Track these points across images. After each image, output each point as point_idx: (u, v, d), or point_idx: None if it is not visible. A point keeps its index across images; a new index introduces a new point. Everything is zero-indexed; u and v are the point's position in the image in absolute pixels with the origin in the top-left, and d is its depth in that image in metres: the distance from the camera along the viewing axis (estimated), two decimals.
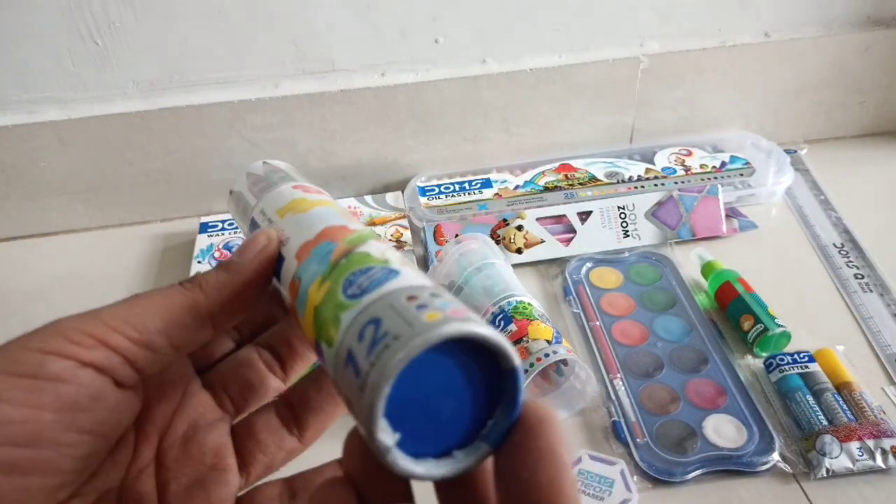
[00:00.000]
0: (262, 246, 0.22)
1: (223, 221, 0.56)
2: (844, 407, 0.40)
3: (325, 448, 0.22)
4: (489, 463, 0.16)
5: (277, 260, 0.22)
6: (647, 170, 0.57)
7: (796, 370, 0.42)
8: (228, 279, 0.21)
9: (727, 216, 0.54)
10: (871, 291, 0.48)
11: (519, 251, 0.52)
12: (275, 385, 0.23)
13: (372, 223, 0.55)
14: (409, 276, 0.18)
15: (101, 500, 0.20)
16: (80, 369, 0.18)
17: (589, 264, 0.51)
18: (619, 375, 0.43)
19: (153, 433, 0.21)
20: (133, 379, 0.19)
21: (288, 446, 0.22)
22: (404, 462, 0.15)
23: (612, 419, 0.41)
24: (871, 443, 0.38)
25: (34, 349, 0.18)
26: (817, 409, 0.40)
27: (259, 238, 0.22)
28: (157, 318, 0.20)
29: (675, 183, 0.56)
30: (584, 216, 0.53)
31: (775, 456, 0.38)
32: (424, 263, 0.52)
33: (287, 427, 0.23)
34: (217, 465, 0.22)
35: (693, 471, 0.38)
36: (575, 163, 0.58)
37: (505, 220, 0.53)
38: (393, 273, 0.18)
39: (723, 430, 0.40)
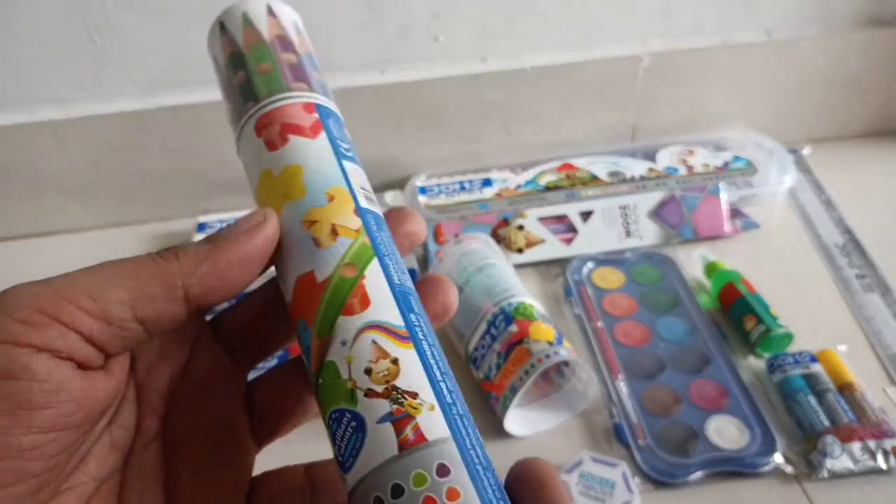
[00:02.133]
0: (255, 223, 0.19)
1: (222, 221, 0.56)
2: (846, 407, 0.40)
3: None
4: None
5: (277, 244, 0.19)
6: (650, 169, 0.57)
7: (798, 371, 0.42)
8: (208, 251, 0.18)
9: (730, 216, 0.54)
10: (873, 292, 0.48)
11: (520, 251, 0.52)
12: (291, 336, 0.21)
13: None
14: (377, 408, 0.17)
15: (103, 486, 0.18)
16: (31, 357, 0.15)
17: (590, 264, 0.51)
18: (620, 377, 0.43)
19: (157, 401, 0.19)
20: (97, 358, 0.17)
21: (302, 409, 0.21)
22: None
23: (614, 421, 0.41)
24: (872, 443, 0.38)
25: None
26: (819, 409, 0.40)
27: (254, 214, 0.19)
28: (120, 286, 0.17)
29: (678, 182, 0.56)
30: (586, 216, 0.53)
31: (777, 457, 0.38)
32: (424, 264, 0.52)
33: (304, 388, 0.21)
34: (230, 443, 0.20)
35: (695, 472, 0.38)
36: (576, 162, 0.58)
37: (506, 220, 0.53)
38: (361, 427, 0.17)
39: (725, 432, 0.40)
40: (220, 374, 0.20)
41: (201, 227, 0.55)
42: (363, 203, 0.20)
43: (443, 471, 0.16)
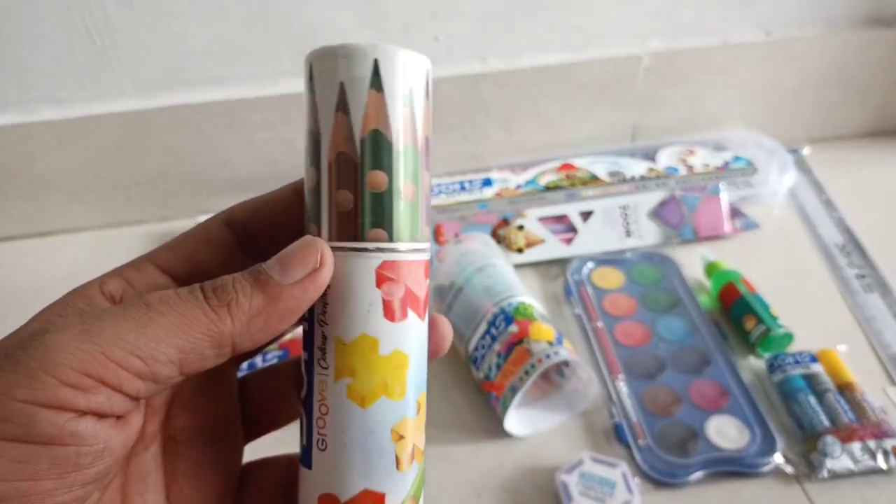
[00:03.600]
0: (311, 268, 0.17)
1: None
2: (846, 407, 0.40)
3: None
4: None
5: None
6: (650, 169, 0.57)
7: (798, 371, 0.42)
8: (263, 305, 0.17)
9: (730, 216, 0.54)
10: (873, 292, 0.48)
11: (520, 251, 0.52)
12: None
13: None
14: None
15: (106, 493, 0.18)
16: (78, 422, 0.15)
17: (590, 264, 0.51)
18: (620, 377, 0.43)
19: (160, 406, 0.19)
20: (133, 407, 0.17)
21: (295, 414, 0.21)
22: None
23: (614, 421, 0.41)
24: (872, 443, 0.38)
25: (21, 400, 0.14)
26: (819, 409, 0.40)
27: (309, 253, 0.17)
28: (171, 346, 0.16)
29: (678, 182, 0.56)
30: (586, 216, 0.53)
31: (777, 457, 0.38)
32: None
33: (298, 389, 0.21)
34: (225, 439, 0.20)
35: (695, 472, 0.38)
36: (576, 162, 0.58)
37: (506, 220, 0.53)
38: None
39: (725, 432, 0.40)
40: (216, 373, 0.20)
41: None
42: None
43: None
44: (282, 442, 0.22)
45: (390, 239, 0.17)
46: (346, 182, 0.17)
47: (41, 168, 0.54)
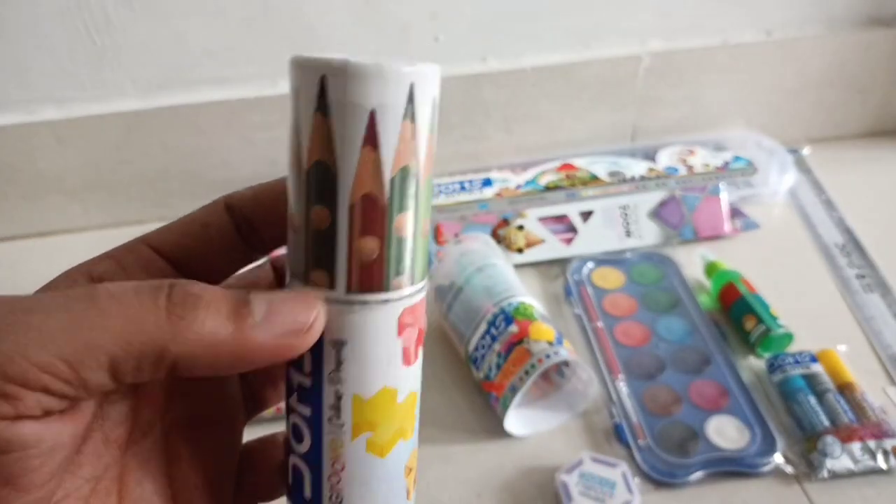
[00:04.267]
0: (299, 327, 0.15)
1: None
2: (846, 407, 0.40)
3: None
4: None
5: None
6: (650, 169, 0.57)
7: (798, 371, 0.42)
8: (226, 342, 0.15)
9: (730, 216, 0.54)
10: (873, 292, 0.48)
11: (520, 251, 0.52)
12: None
13: None
14: None
15: (100, 483, 0.17)
16: (14, 428, 0.14)
17: (590, 264, 0.51)
18: (620, 377, 0.43)
19: (157, 392, 0.18)
20: (70, 404, 0.15)
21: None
22: None
23: (614, 421, 0.41)
24: (872, 443, 0.38)
25: None
26: (819, 409, 0.40)
27: (305, 311, 0.15)
28: (103, 352, 0.14)
29: (678, 182, 0.56)
30: (586, 216, 0.53)
31: (777, 457, 0.38)
32: None
33: (289, 437, 0.21)
34: (227, 421, 0.20)
35: (695, 472, 0.38)
36: (576, 162, 0.58)
37: (506, 220, 0.53)
38: None
39: (725, 432, 0.40)
40: None
41: None
42: None
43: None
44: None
45: (411, 283, 0.15)
46: (371, 228, 0.15)
47: (41, 168, 0.54)
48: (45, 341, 0.14)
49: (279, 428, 0.22)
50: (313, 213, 0.15)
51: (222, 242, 0.18)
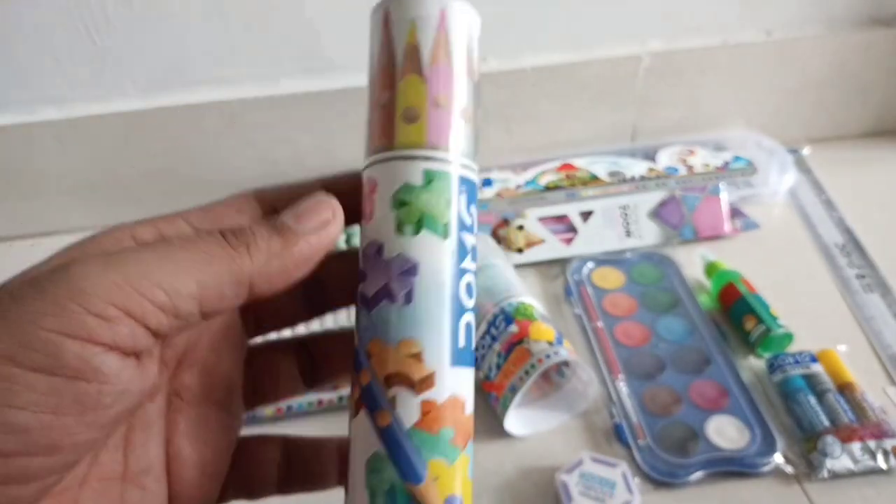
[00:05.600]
0: (325, 219, 0.18)
1: None
2: (846, 407, 0.40)
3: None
4: None
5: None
6: (650, 169, 0.57)
7: (798, 371, 0.42)
8: (281, 248, 0.17)
9: (730, 216, 0.54)
10: (873, 292, 0.48)
11: (520, 251, 0.52)
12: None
13: None
14: None
15: (110, 440, 0.18)
16: (103, 358, 0.15)
17: (590, 264, 0.51)
18: (620, 377, 0.43)
19: (171, 359, 0.19)
20: (154, 347, 0.17)
21: (295, 391, 0.22)
22: None
23: (614, 421, 0.41)
24: (872, 443, 0.38)
25: (49, 329, 0.14)
26: (819, 409, 0.40)
27: (322, 208, 0.18)
28: (191, 279, 0.16)
29: (678, 182, 0.56)
30: (586, 216, 0.53)
31: (777, 457, 0.38)
32: None
33: (302, 376, 0.22)
34: (226, 404, 0.20)
35: (695, 472, 0.38)
36: (576, 162, 0.58)
37: (506, 220, 0.53)
38: None
39: (725, 432, 0.40)
40: (230, 337, 0.20)
41: None
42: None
43: None
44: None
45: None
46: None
47: (41, 168, 0.54)
48: (144, 272, 0.15)
49: (277, 429, 0.23)
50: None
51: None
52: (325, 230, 0.18)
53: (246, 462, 0.21)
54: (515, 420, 0.41)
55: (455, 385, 0.18)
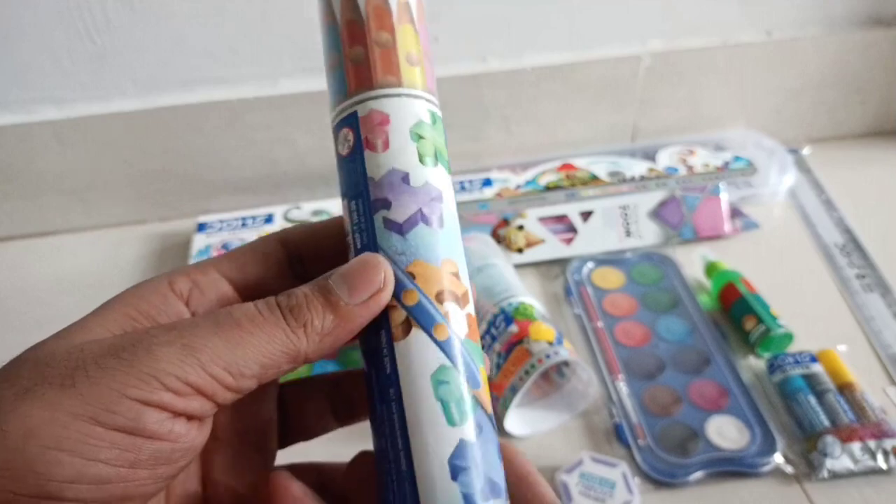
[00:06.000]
0: (376, 288, 0.18)
1: (221, 221, 0.56)
2: (846, 407, 0.40)
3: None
4: None
5: None
6: (650, 169, 0.57)
7: (798, 371, 0.42)
8: (334, 327, 0.18)
9: (730, 216, 0.54)
10: (873, 292, 0.48)
11: (520, 251, 0.52)
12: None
13: None
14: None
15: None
16: (174, 421, 0.17)
17: (590, 264, 0.51)
18: (620, 377, 0.43)
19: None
20: (216, 411, 0.19)
21: (327, 428, 0.23)
22: None
23: (614, 421, 0.41)
24: (872, 443, 0.38)
25: (132, 398, 0.16)
26: (819, 409, 0.40)
27: (374, 274, 0.19)
28: (256, 364, 0.18)
29: (678, 182, 0.56)
30: (586, 216, 0.53)
31: (777, 457, 0.38)
32: None
33: (334, 413, 0.23)
34: (261, 442, 0.22)
35: (695, 472, 0.38)
36: (576, 162, 0.58)
37: (506, 220, 0.53)
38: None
39: (725, 432, 0.40)
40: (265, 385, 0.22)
41: (201, 227, 0.55)
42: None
43: None
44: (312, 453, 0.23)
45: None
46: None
47: (41, 168, 0.54)
48: (216, 358, 0.17)
49: (311, 454, 0.23)
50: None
51: (277, 272, 0.21)
52: (376, 300, 0.19)
53: None
54: (515, 420, 0.41)
55: (473, 302, 0.20)
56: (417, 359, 0.18)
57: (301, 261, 0.22)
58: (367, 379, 0.20)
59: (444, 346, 0.19)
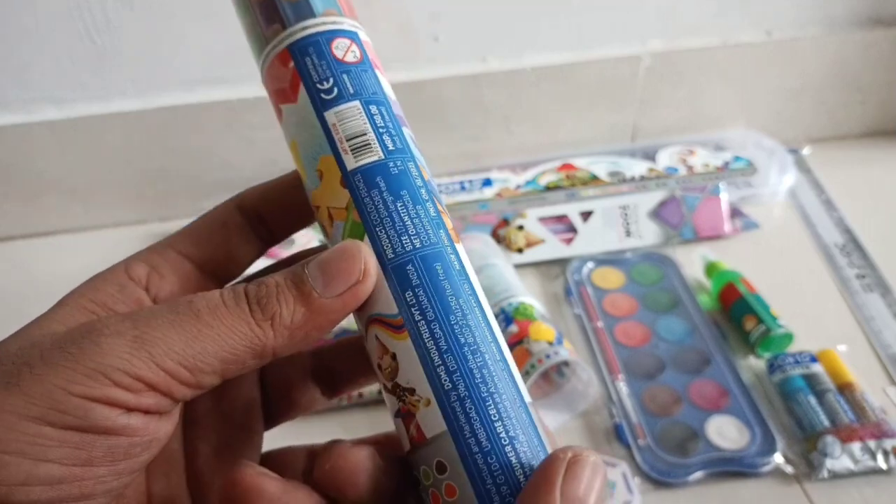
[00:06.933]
0: (354, 280, 0.17)
1: None
2: (846, 407, 0.40)
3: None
4: None
5: None
6: (650, 169, 0.57)
7: (798, 371, 0.42)
8: (304, 322, 0.17)
9: (730, 216, 0.54)
10: (873, 292, 0.48)
11: (520, 251, 0.52)
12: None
13: None
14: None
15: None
16: (129, 416, 0.16)
17: (590, 264, 0.51)
18: (620, 377, 0.43)
19: None
20: (176, 406, 0.17)
21: (314, 403, 0.22)
22: None
23: (614, 421, 0.41)
24: (872, 443, 0.38)
25: (78, 395, 0.15)
26: (819, 409, 0.40)
27: (353, 264, 0.17)
28: (217, 359, 0.16)
29: (678, 182, 0.56)
30: (586, 216, 0.53)
31: (777, 457, 0.38)
32: None
33: (320, 387, 0.22)
34: (246, 425, 0.21)
35: (695, 472, 0.38)
36: (576, 162, 0.58)
37: (506, 220, 0.53)
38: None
39: (725, 432, 0.40)
40: None
41: None
42: (349, 162, 0.18)
43: (441, 468, 0.16)
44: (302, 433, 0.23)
45: (259, 54, 0.20)
46: None
47: (41, 168, 0.54)
48: (170, 352, 0.16)
49: (300, 430, 0.23)
50: None
51: (240, 240, 0.20)
52: (352, 294, 0.17)
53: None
54: None
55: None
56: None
57: (263, 221, 0.21)
58: None
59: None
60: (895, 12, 0.58)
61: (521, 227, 0.53)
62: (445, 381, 0.17)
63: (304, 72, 0.18)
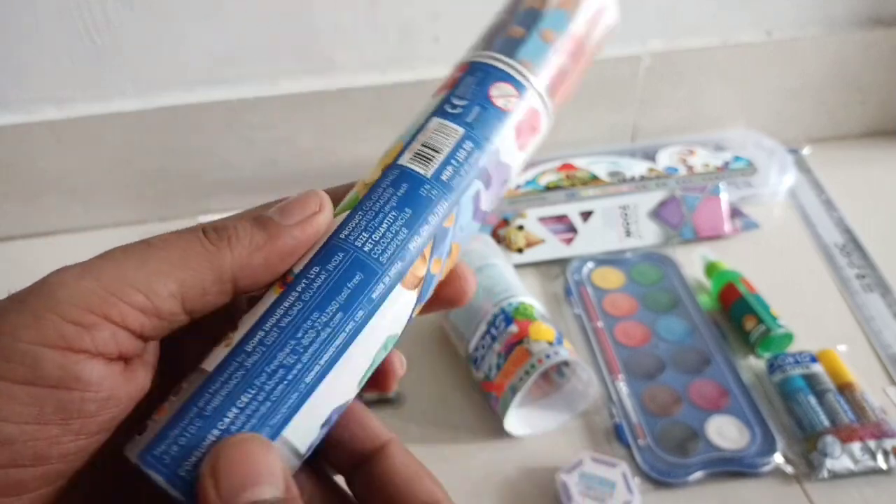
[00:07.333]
0: (310, 212, 0.18)
1: None
2: (846, 407, 0.40)
3: None
4: None
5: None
6: (650, 169, 0.57)
7: (798, 371, 0.42)
8: (263, 241, 0.17)
9: (730, 216, 0.54)
10: (873, 292, 0.48)
11: (520, 251, 0.52)
12: None
13: None
14: None
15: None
16: (84, 366, 0.15)
17: (590, 264, 0.51)
18: (620, 377, 0.43)
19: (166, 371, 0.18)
20: (140, 349, 0.16)
21: None
22: None
23: (614, 421, 0.41)
24: (872, 443, 0.38)
25: (27, 341, 0.14)
26: (819, 409, 0.40)
27: (309, 200, 0.18)
28: (170, 278, 0.16)
29: (678, 182, 0.56)
30: (586, 216, 0.53)
31: (777, 457, 0.38)
32: None
33: None
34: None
35: (695, 472, 0.38)
36: (576, 162, 0.58)
37: (506, 220, 0.53)
38: None
39: (725, 432, 0.40)
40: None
41: None
42: (404, 158, 0.19)
43: (178, 390, 0.17)
44: None
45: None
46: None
47: (41, 168, 0.54)
48: (119, 276, 0.15)
49: None
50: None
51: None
52: (310, 222, 0.17)
53: None
54: (515, 420, 0.41)
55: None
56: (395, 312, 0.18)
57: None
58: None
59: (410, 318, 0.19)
60: (895, 12, 0.58)
61: (521, 227, 0.53)
62: (253, 346, 0.17)
63: (457, 83, 0.21)
